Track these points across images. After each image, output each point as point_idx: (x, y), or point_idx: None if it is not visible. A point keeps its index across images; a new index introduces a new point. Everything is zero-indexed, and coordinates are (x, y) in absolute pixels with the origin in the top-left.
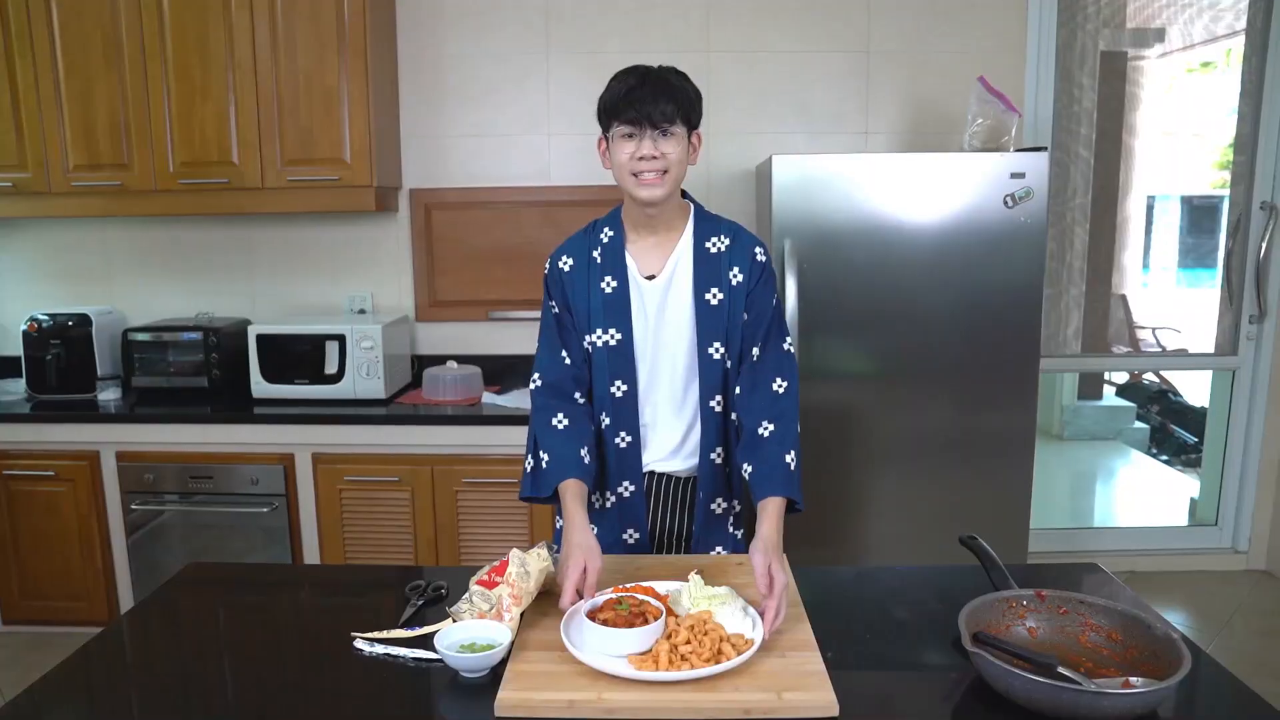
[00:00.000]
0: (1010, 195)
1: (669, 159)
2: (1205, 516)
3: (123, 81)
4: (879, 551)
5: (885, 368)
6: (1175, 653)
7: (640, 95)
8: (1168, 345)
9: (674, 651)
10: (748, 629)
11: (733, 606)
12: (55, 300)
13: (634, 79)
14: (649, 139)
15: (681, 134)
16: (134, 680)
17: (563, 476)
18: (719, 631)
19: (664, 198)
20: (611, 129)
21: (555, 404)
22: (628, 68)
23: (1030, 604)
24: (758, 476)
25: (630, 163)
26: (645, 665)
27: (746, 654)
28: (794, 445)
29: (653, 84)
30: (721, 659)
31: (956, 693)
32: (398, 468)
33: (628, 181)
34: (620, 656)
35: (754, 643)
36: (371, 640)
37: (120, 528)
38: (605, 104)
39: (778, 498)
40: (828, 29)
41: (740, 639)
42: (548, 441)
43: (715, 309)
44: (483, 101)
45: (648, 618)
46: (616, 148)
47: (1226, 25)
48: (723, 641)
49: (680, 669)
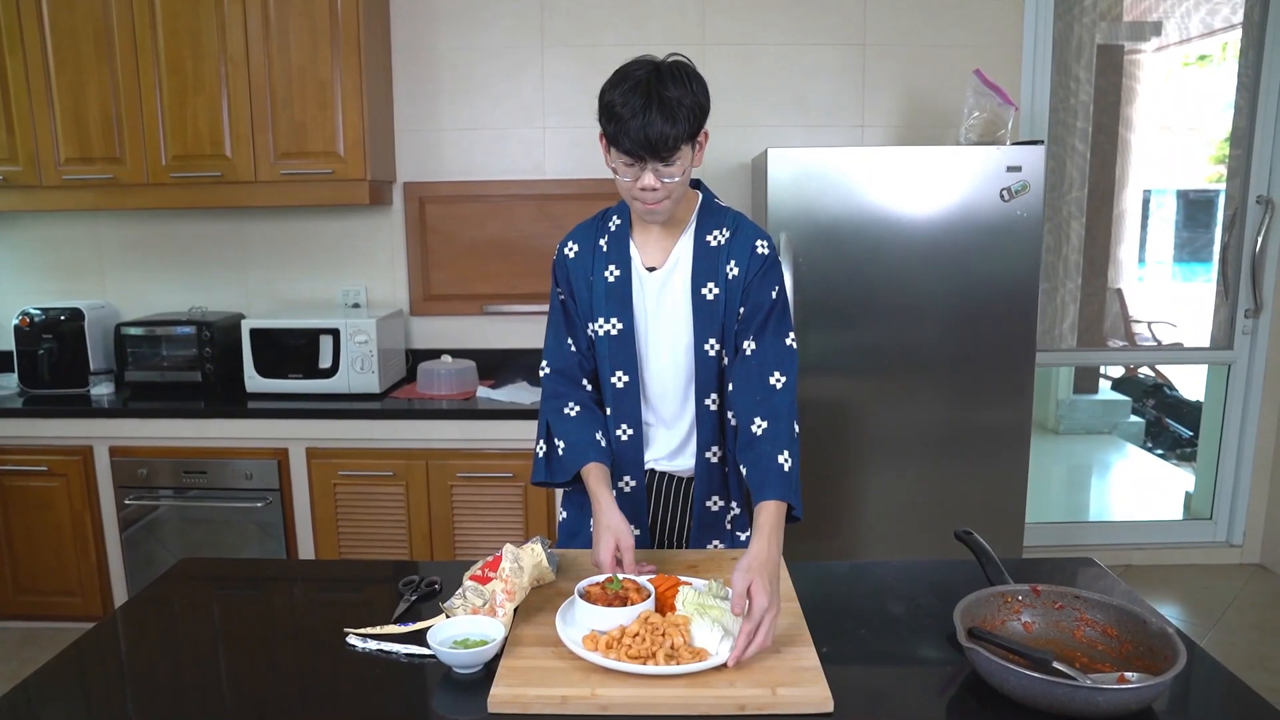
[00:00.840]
0: (1006, 189)
1: (672, 184)
2: (1200, 510)
3: (114, 74)
4: (874, 545)
5: (881, 361)
6: (1170, 648)
7: (642, 123)
8: (1163, 339)
9: (620, 640)
10: (717, 644)
11: (711, 626)
12: (47, 294)
13: (638, 100)
14: (650, 172)
15: (686, 153)
16: (127, 675)
17: (583, 461)
18: (675, 637)
19: (666, 217)
20: (612, 148)
21: (566, 391)
22: (631, 71)
23: (1026, 599)
24: (752, 479)
25: (631, 187)
26: (589, 643)
27: (680, 668)
28: (788, 445)
29: (658, 106)
30: (650, 662)
31: (951, 688)
32: (392, 462)
33: (629, 201)
34: (586, 630)
35: (710, 656)
36: (364, 636)
37: (114, 523)
38: (604, 123)
39: (773, 506)
40: (823, 22)
41: (695, 653)
42: (562, 428)
43: (711, 304)
44: (477, 94)
45: (628, 602)
46: (617, 166)
47: (1223, 19)
48: (678, 649)
49: (610, 657)
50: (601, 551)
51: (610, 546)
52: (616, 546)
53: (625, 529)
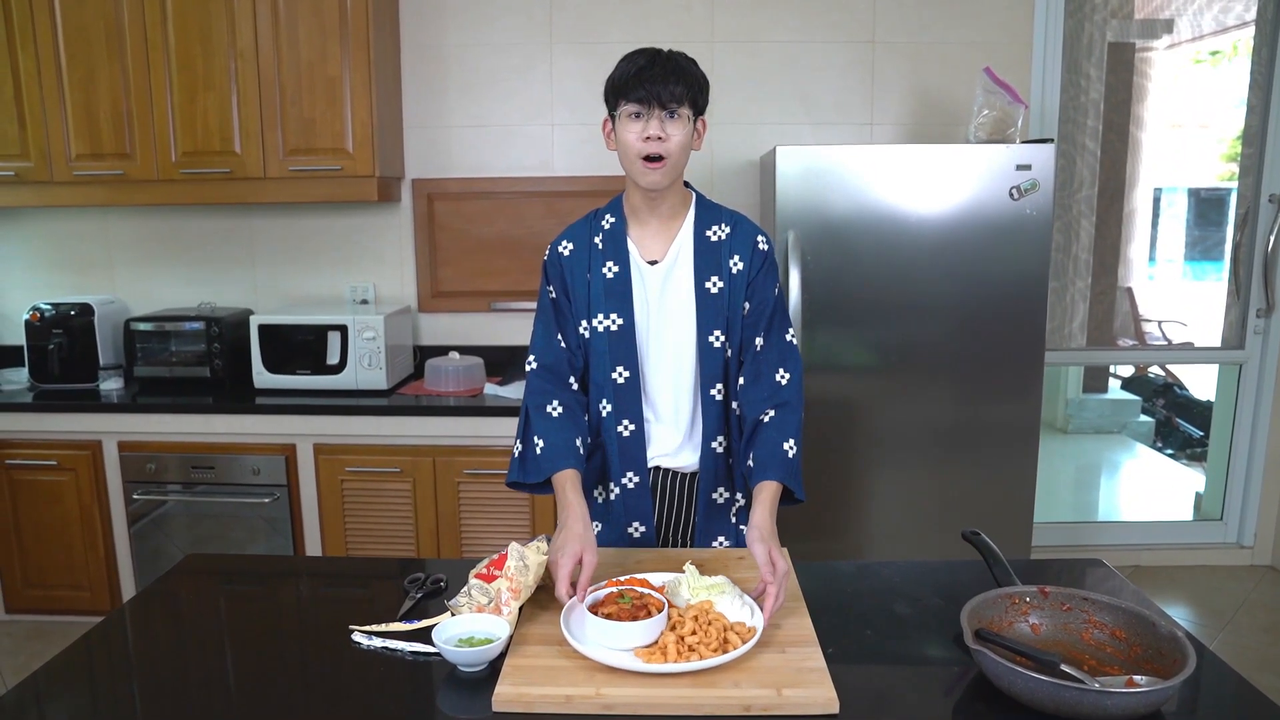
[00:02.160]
0: (1016, 187)
1: (674, 141)
2: (1210, 511)
3: (125, 71)
4: (881, 544)
5: (889, 360)
6: (1180, 651)
7: (650, 75)
8: (1173, 338)
9: (681, 643)
10: (747, 617)
11: (731, 595)
12: (58, 289)
13: (644, 59)
14: (656, 119)
15: (688, 117)
16: (135, 669)
17: (559, 465)
18: (722, 621)
19: (667, 184)
20: (619, 108)
21: (551, 389)
22: (637, 49)
23: (1033, 600)
24: (755, 463)
25: (636, 143)
26: (653, 658)
27: (751, 642)
28: (794, 434)
29: (663, 64)
30: (728, 648)
31: (958, 690)
32: (399, 458)
33: (633, 165)
34: (626, 650)
35: (756, 630)
36: (369, 633)
37: (122, 517)
38: (614, 82)
39: (772, 483)
40: (832, 19)
41: (742, 627)
42: (541, 427)
43: (715, 297)
44: (485, 91)
45: (650, 610)
46: (622, 127)
47: (1236, 16)
48: (727, 630)
49: (689, 659)
50: (564, 560)
51: (574, 557)
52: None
53: (593, 545)
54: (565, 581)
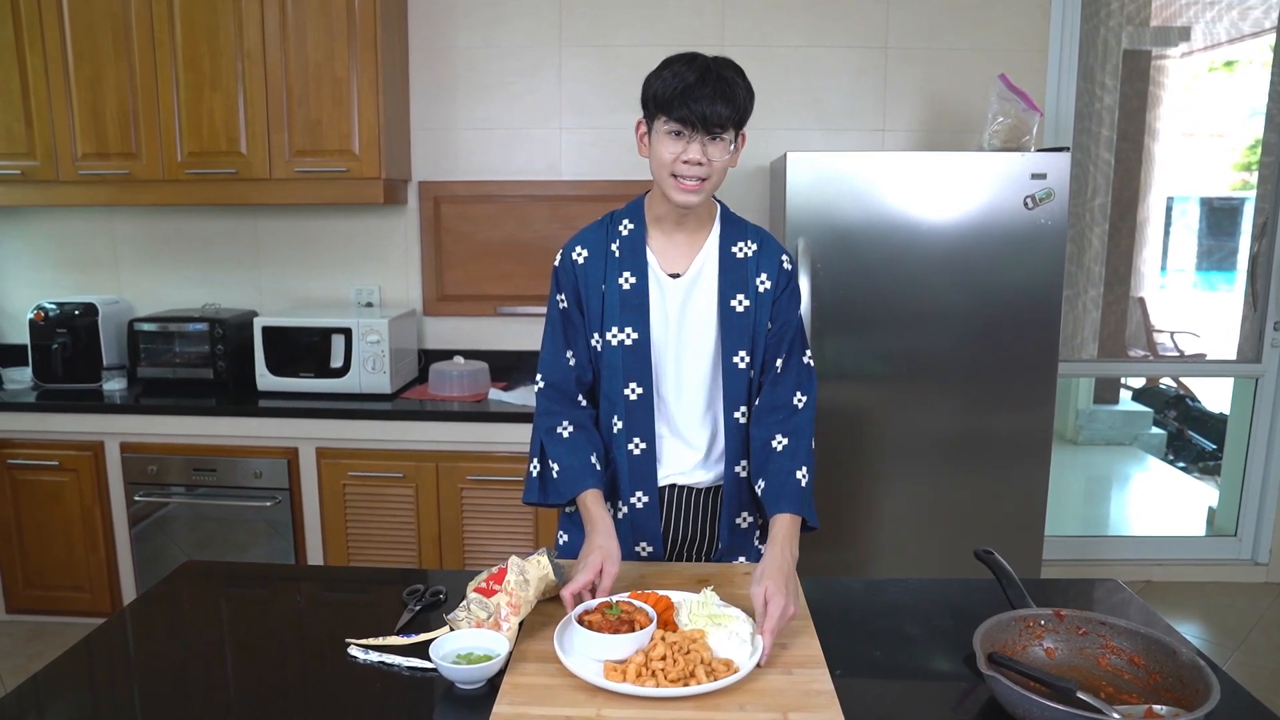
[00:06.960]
0: (1031, 196)
1: (713, 166)
2: (1224, 527)
3: (132, 71)
4: (890, 557)
5: (900, 369)
6: (1202, 680)
7: (698, 95)
8: (1185, 349)
9: (645, 665)
10: (742, 655)
11: (731, 630)
12: (62, 289)
13: (692, 75)
14: (698, 144)
15: (730, 139)
16: (135, 672)
17: (580, 487)
18: (701, 654)
19: (701, 205)
20: (657, 121)
21: (560, 409)
22: (685, 55)
23: (1048, 623)
24: (768, 492)
25: (673, 163)
26: (613, 675)
27: (714, 685)
28: (806, 461)
29: (712, 84)
30: (692, 682)
31: (969, 715)
32: (402, 464)
33: (666, 181)
34: (598, 661)
35: (736, 671)
36: (366, 647)
37: (124, 519)
38: (657, 95)
39: (787, 517)
40: (844, 24)
41: (725, 664)
42: (555, 450)
43: (741, 316)
44: (493, 94)
45: (634, 625)
46: (660, 143)
47: (1253, 23)
48: (701, 664)
49: (646, 684)
50: (587, 565)
51: (596, 566)
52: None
53: (617, 557)
54: (572, 588)
